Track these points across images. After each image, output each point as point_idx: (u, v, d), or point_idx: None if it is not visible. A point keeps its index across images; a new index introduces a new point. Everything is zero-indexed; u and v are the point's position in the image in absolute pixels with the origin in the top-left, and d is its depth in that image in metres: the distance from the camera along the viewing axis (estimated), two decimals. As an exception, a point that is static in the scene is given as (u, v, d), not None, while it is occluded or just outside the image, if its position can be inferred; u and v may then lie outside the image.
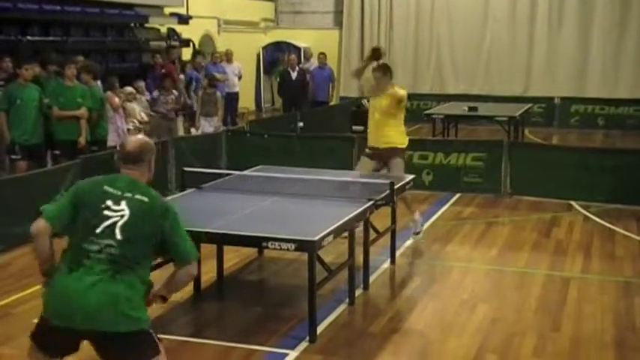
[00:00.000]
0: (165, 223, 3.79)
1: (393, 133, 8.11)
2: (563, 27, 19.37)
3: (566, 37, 19.30)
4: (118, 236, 3.69)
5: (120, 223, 3.71)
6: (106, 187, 3.83)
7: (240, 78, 16.54)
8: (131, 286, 3.69)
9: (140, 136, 3.91)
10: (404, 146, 8.22)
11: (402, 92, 8.03)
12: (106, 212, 3.74)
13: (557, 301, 6.47)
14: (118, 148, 11.22)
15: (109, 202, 3.77)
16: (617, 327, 5.91)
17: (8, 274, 7.18)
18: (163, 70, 14.27)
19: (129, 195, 3.80)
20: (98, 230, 3.70)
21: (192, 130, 13.48)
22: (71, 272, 3.66)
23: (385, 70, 8.08)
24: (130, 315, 3.65)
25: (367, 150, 8.34)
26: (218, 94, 13.21)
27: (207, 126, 12.92)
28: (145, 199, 3.81)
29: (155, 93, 12.10)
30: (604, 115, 18.38)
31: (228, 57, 16.35)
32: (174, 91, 12.69)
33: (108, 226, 3.71)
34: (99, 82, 11.12)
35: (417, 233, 8.28)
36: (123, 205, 3.76)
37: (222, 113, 13.37)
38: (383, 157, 8.14)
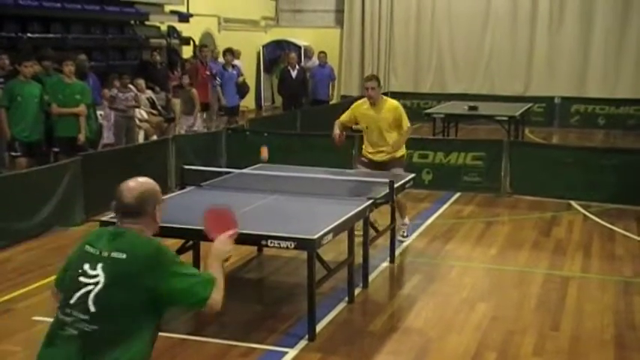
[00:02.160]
0: (153, 277, 3.05)
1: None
2: (563, 26, 19.37)
3: (567, 37, 19.30)
4: (91, 308, 3.00)
5: (93, 293, 3.02)
6: (87, 247, 3.16)
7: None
8: None
9: (140, 179, 3.26)
10: (403, 155, 8.00)
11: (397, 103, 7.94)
12: (82, 279, 3.07)
13: (557, 300, 6.47)
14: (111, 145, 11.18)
15: (85, 266, 3.09)
16: (616, 326, 5.91)
17: (9, 269, 7.18)
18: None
19: (105, 254, 3.09)
20: (72, 300, 3.05)
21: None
22: (48, 345, 3.08)
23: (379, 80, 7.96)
24: None
25: (363, 159, 8.07)
26: (194, 91, 13.10)
27: (185, 124, 12.90)
28: (123, 255, 3.06)
29: (114, 90, 11.88)
30: (604, 115, 18.39)
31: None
32: (133, 89, 12.30)
33: (81, 296, 3.04)
34: (90, 80, 11.09)
35: (405, 236, 8.19)
36: (99, 269, 3.07)
37: (197, 111, 13.24)
38: (382, 166, 7.86)
